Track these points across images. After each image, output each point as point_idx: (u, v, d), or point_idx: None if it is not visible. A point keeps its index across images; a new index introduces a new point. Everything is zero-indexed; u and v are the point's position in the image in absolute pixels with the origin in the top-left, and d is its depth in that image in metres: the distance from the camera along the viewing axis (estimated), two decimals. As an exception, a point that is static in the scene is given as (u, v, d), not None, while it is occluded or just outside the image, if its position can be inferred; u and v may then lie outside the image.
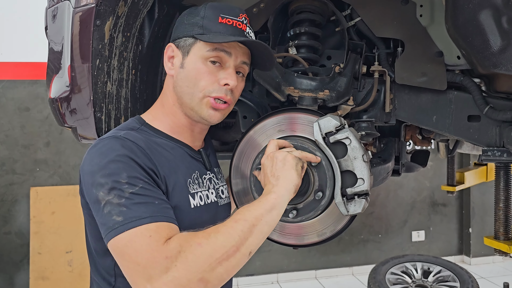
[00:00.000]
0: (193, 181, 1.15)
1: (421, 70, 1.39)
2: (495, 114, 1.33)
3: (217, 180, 1.29)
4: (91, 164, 1.00)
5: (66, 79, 1.34)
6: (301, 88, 1.34)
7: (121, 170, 0.96)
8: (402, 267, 3.81)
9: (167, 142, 1.15)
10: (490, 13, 1.15)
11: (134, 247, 0.89)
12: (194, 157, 1.21)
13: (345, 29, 1.45)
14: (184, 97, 1.14)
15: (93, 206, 0.98)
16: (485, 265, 5.14)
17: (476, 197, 5.11)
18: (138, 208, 0.93)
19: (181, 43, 1.15)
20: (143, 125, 1.15)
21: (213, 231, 0.93)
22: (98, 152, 1.01)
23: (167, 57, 1.18)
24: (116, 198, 0.93)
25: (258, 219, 0.98)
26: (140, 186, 0.96)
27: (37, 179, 4.14)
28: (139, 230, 0.90)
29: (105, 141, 1.03)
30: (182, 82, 1.13)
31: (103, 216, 0.94)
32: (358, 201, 1.12)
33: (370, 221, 5.01)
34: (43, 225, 3.98)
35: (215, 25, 1.12)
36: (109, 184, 0.95)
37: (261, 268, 4.71)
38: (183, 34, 1.14)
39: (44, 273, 3.94)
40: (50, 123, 4.17)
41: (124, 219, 0.91)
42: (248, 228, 0.95)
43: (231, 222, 0.96)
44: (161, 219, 0.94)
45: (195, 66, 1.12)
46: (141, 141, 1.05)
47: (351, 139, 1.12)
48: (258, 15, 1.45)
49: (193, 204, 1.12)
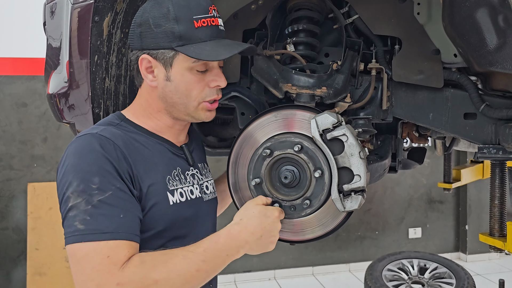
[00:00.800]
0: (173, 178, 1.14)
1: (418, 68, 1.39)
2: (491, 112, 1.33)
3: (201, 176, 1.28)
4: (65, 164, 0.99)
5: (64, 75, 1.34)
6: (298, 85, 1.35)
7: (93, 174, 0.96)
8: (398, 263, 3.83)
9: (147, 139, 1.14)
10: (487, 12, 1.16)
11: (91, 263, 0.90)
12: (176, 153, 1.20)
13: (342, 27, 1.45)
14: (177, 106, 1.14)
15: (61, 204, 0.98)
16: (481, 262, 5.16)
17: (473, 194, 5.13)
18: (102, 220, 0.93)
19: (158, 55, 1.09)
20: (123, 121, 1.14)
21: (174, 270, 0.95)
22: (74, 151, 1.00)
23: (144, 69, 1.12)
24: (84, 203, 0.93)
25: (215, 271, 1.03)
26: (110, 193, 0.95)
27: (34, 175, 4.13)
28: (98, 246, 0.91)
29: (81, 139, 1.02)
30: (173, 94, 1.12)
31: (68, 219, 0.94)
32: (355, 197, 1.13)
33: (367, 218, 5.02)
34: (40, 221, 3.98)
35: (192, 31, 1.07)
36: (80, 187, 0.94)
37: (258, 265, 4.72)
38: (157, 45, 1.08)
39: (41, 269, 3.94)
40: (47, 119, 4.16)
41: (86, 228, 0.92)
42: (203, 279, 1.00)
43: (194, 268, 0.97)
44: (122, 236, 0.94)
45: (183, 79, 1.11)
46: (119, 138, 1.04)
47: (348, 136, 1.12)
48: (256, 12, 1.46)
49: (172, 201, 1.11)
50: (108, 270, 0.90)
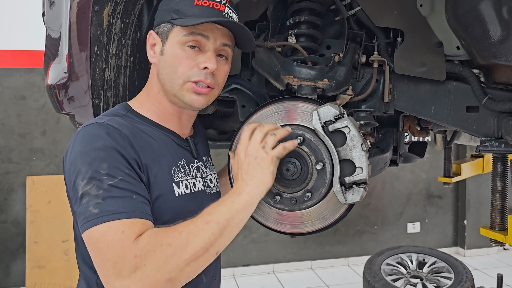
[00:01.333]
0: (178, 169, 1.14)
1: (421, 60, 1.38)
2: (494, 105, 1.33)
3: (205, 169, 1.27)
4: (73, 152, 0.99)
5: (64, 66, 1.33)
6: (300, 77, 1.34)
7: (102, 159, 0.95)
8: (397, 258, 3.84)
9: (153, 130, 1.13)
10: (491, 3, 1.15)
11: (107, 241, 0.89)
12: (181, 145, 1.20)
13: (344, 19, 1.44)
14: (166, 84, 1.13)
15: (72, 194, 0.98)
16: (479, 257, 5.18)
17: (472, 189, 5.14)
18: (115, 202, 0.92)
19: (160, 29, 1.13)
20: (129, 112, 1.14)
21: (185, 230, 0.94)
22: (81, 139, 1.00)
23: (149, 45, 1.16)
24: (95, 189, 0.93)
25: (229, 221, 0.99)
26: (120, 178, 0.95)
27: (33, 168, 4.13)
28: (113, 224, 0.90)
29: (89, 128, 1.02)
30: (163, 69, 1.12)
31: (81, 206, 0.93)
32: (357, 189, 1.12)
33: (366, 212, 5.03)
34: (39, 214, 3.98)
35: (190, 8, 1.09)
36: (89, 174, 0.94)
37: (257, 258, 4.73)
38: (161, 20, 1.13)
39: (40, 262, 3.95)
40: (46, 112, 4.15)
41: (100, 211, 0.91)
42: (219, 230, 0.97)
43: (203, 223, 0.96)
44: (137, 215, 0.94)
45: (173, 52, 1.10)
46: (125, 127, 1.04)
47: (350, 128, 1.12)
48: (257, 4, 1.44)
49: (177, 193, 1.10)
50: (122, 245, 0.89)
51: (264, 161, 1.07)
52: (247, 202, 1.04)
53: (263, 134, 1.10)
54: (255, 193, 1.06)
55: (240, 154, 1.11)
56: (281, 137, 1.12)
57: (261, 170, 1.07)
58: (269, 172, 1.07)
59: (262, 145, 1.09)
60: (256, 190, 1.06)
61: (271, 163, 1.08)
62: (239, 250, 4.59)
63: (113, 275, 0.88)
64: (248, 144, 1.10)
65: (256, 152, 1.08)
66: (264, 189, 1.07)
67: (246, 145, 1.10)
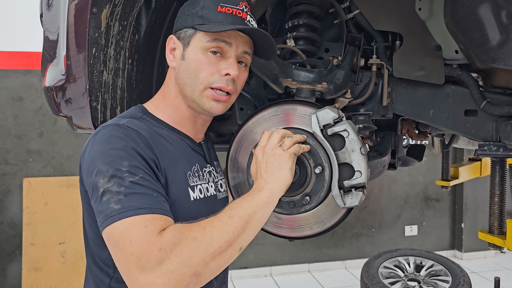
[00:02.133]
0: (193, 173, 1.15)
1: (419, 64, 1.38)
2: (492, 109, 1.33)
3: (216, 174, 1.29)
4: (92, 151, 1.00)
5: (61, 68, 1.32)
6: (299, 80, 1.33)
7: (122, 158, 0.96)
8: (395, 261, 3.84)
9: (169, 133, 1.14)
10: (490, 8, 1.15)
11: (129, 236, 0.88)
12: (195, 149, 1.21)
13: (343, 22, 1.44)
14: (186, 89, 1.13)
15: (92, 193, 0.97)
16: (476, 260, 5.18)
17: (469, 192, 5.15)
18: (137, 198, 0.92)
19: (181, 34, 1.14)
20: (145, 114, 1.15)
21: (208, 225, 0.94)
22: (100, 139, 1.00)
23: (169, 49, 1.17)
24: (116, 186, 0.93)
25: (251, 216, 1.00)
26: (140, 176, 0.95)
27: (30, 169, 4.11)
28: (135, 219, 0.89)
29: (108, 128, 1.02)
30: (184, 74, 1.13)
31: (101, 204, 0.93)
32: (355, 193, 1.12)
33: (364, 215, 5.03)
34: (36, 216, 3.96)
35: (214, 14, 1.10)
36: (110, 172, 0.94)
37: (254, 261, 4.72)
38: (183, 26, 1.13)
39: (36, 264, 3.93)
40: (43, 114, 4.13)
41: (122, 207, 0.90)
42: (242, 225, 0.97)
43: (226, 217, 0.97)
44: (159, 211, 0.93)
45: (195, 58, 1.11)
46: (143, 130, 1.05)
47: (349, 131, 1.11)
48: (256, 6, 1.44)
49: (192, 197, 1.12)
50: (146, 239, 0.88)
51: (281, 157, 1.08)
52: (268, 198, 1.04)
53: (280, 136, 1.12)
54: (275, 189, 1.06)
55: (258, 154, 1.12)
56: (297, 140, 1.13)
57: (279, 167, 1.07)
58: (287, 168, 1.08)
59: (280, 144, 1.10)
60: (276, 186, 1.06)
61: (289, 159, 1.08)
62: (237, 252, 4.57)
63: (136, 269, 0.86)
64: (265, 144, 1.12)
65: (273, 150, 1.09)
66: (284, 186, 1.08)
67: (263, 146, 1.12)
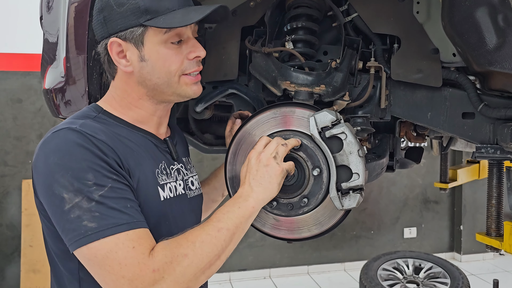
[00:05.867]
0: (161, 171, 1.10)
1: (417, 67, 1.39)
2: (490, 111, 1.33)
3: (186, 171, 1.24)
4: (47, 163, 0.92)
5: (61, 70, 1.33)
6: (297, 82, 1.34)
7: (84, 170, 0.89)
8: (393, 263, 3.84)
9: (130, 132, 1.07)
10: (486, 11, 1.16)
11: (117, 259, 0.86)
12: (160, 146, 1.15)
13: (342, 25, 1.45)
14: (159, 87, 1.07)
15: (53, 208, 0.91)
16: (475, 262, 5.19)
17: (468, 195, 5.15)
18: (113, 213, 0.89)
19: (127, 35, 1.02)
20: (100, 113, 1.06)
21: (197, 240, 0.95)
22: (54, 148, 0.93)
23: (116, 54, 1.04)
24: (85, 201, 0.87)
25: (238, 227, 1.01)
26: (109, 186, 0.90)
27: (29, 171, 4.10)
28: (119, 240, 0.87)
29: (60, 134, 0.95)
30: (151, 75, 1.05)
31: (70, 221, 0.88)
32: (353, 195, 1.12)
33: (363, 217, 5.03)
34: (35, 218, 3.95)
35: (157, 3, 1.00)
36: (75, 186, 0.88)
37: (253, 263, 4.72)
38: (125, 25, 1.01)
39: (35, 265, 3.92)
40: (43, 115, 4.13)
41: (99, 225, 0.87)
42: (229, 237, 0.99)
43: (214, 231, 0.97)
44: (137, 224, 0.92)
45: (158, 54, 1.03)
46: (100, 132, 0.97)
47: (347, 134, 1.12)
48: (255, 9, 1.45)
49: (163, 196, 1.07)
50: (138, 261, 0.87)
51: (273, 171, 1.07)
52: (253, 208, 1.05)
53: (276, 145, 1.11)
54: (260, 200, 1.06)
55: (251, 158, 1.11)
56: (292, 147, 1.13)
57: (269, 179, 1.07)
58: (276, 182, 1.08)
59: (273, 154, 1.09)
60: (261, 197, 1.06)
61: (280, 174, 1.08)
62: (236, 254, 4.58)
63: None
64: (262, 151, 1.11)
65: (267, 160, 1.08)
66: (268, 198, 1.08)
67: (260, 152, 1.11)
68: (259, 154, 1.10)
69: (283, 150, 1.10)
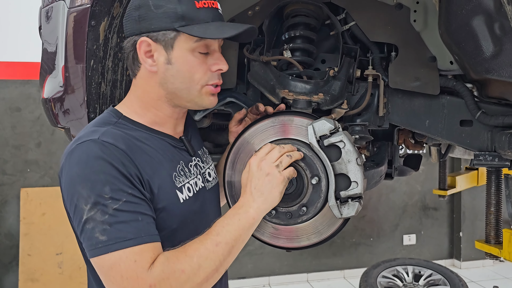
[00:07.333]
0: (178, 173, 1.12)
1: (415, 75, 1.40)
2: (487, 119, 1.34)
3: (203, 164, 1.25)
4: (70, 173, 0.97)
5: (59, 79, 1.33)
6: (295, 91, 1.34)
7: (103, 183, 0.94)
8: (393, 270, 3.83)
9: (148, 135, 1.10)
10: (483, 19, 1.17)
11: (120, 271, 0.91)
12: (177, 146, 1.17)
13: (339, 33, 1.46)
14: (179, 92, 1.09)
15: (73, 216, 0.96)
16: (475, 269, 5.17)
17: (467, 201, 5.15)
18: (123, 228, 0.92)
19: (159, 37, 1.04)
20: (120, 118, 1.09)
21: (195, 254, 0.97)
22: (77, 160, 0.97)
23: (143, 53, 1.06)
24: (99, 214, 0.92)
25: (237, 240, 1.03)
26: (124, 200, 0.94)
27: (27, 180, 4.10)
28: (124, 253, 0.91)
29: (84, 146, 0.98)
30: (175, 79, 1.08)
31: (85, 231, 0.93)
32: (352, 204, 1.12)
33: (362, 224, 5.02)
34: (33, 227, 3.94)
35: (194, 12, 1.04)
36: (92, 198, 0.93)
37: (252, 271, 4.70)
38: (158, 27, 1.04)
39: (33, 275, 3.90)
40: (41, 124, 4.13)
41: (108, 239, 0.91)
42: (228, 251, 1.00)
43: (212, 245, 0.99)
44: (145, 239, 0.94)
45: (185, 60, 1.06)
46: (121, 140, 1.01)
47: (345, 142, 1.12)
48: (253, 18, 1.46)
49: (182, 199, 1.09)
50: (137, 275, 0.91)
51: (275, 180, 1.08)
52: (253, 220, 1.06)
53: (280, 154, 1.11)
54: (261, 210, 1.08)
55: (253, 165, 1.11)
56: (295, 159, 1.13)
57: (270, 188, 1.08)
58: (278, 191, 1.09)
59: (277, 163, 1.09)
60: (262, 207, 1.07)
61: (281, 182, 1.09)
62: (235, 262, 4.54)
63: None
64: (263, 158, 1.11)
65: (269, 169, 1.08)
66: (270, 207, 1.09)
67: (261, 158, 1.11)
68: (260, 161, 1.10)
69: (287, 161, 1.11)
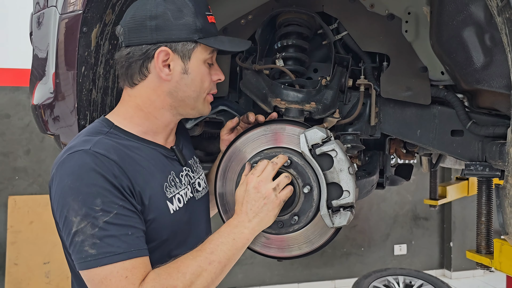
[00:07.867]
0: (169, 184, 1.12)
1: (406, 85, 1.41)
2: (478, 129, 1.35)
3: (193, 174, 1.26)
4: (61, 185, 0.96)
5: (50, 86, 1.32)
6: (287, 100, 1.34)
7: (94, 195, 0.93)
8: (384, 280, 3.82)
9: (140, 145, 1.10)
10: (474, 30, 1.18)
11: (110, 286, 0.91)
12: (168, 156, 1.17)
13: (331, 43, 1.46)
14: (188, 100, 1.13)
15: (63, 227, 0.96)
16: (465, 279, 5.18)
17: (457, 211, 5.17)
18: (113, 242, 0.93)
19: (178, 47, 1.08)
20: (112, 128, 1.09)
21: (188, 272, 0.97)
22: (69, 171, 0.96)
23: (161, 62, 1.07)
24: (90, 227, 0.92)
25: (230, 259, 1.04)
26: (115, 213, 0.94)
27: (15, 187, 4.04)
28: (114, 268, 0.92)
29: (75, 156, 0.98)
30: (188, 87, 1.11)
31: (74, 244, 0.93)
32: (344, 213, 1.12)
33: (353, 234, 5.02)
34: (21, 235, 3.88)
35: (208, 26, 1.12)
36: (83, 210, 0.92)
37: (243, 281, 4.66)
38: (178, 38, 1.07)
39: (20, 284, 3.83)
40: (31, 131, 4.09)
41: (98, 253, 0.92)
42: (220, 269, 1.02)
43: (205, 263, 1.00)
44: (135, 254, 0.95)
45: (200, 70, 1.12)
46: (112, 151, 1.00)
47: (337, 151, 1.12)
48: (245, 27, 1.46)
49: (172, 209, 1.10)
50: None
51: (272, 204, 1.10)
52: (247, 240, 1.08)
53: (274, 171, 1.12)
54: (255, 231, 1.10)
55: (250, 185, 1.11)
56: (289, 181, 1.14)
57: (266, 212, 1.10)
58: (273, 214, 1.11)
59: (274, 187, 1.10)
60: (257, 228, 1.10)
61: (277, 206, 1.11)
62: (225, 272, 4.52)
63: None
64: (262, 179, 1.11)
65: (267, 192, 1.10)
66: (263, 228, 1.12)
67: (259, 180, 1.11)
68: (258, 183, 1.11)
69: (284, 183, 1.12)
